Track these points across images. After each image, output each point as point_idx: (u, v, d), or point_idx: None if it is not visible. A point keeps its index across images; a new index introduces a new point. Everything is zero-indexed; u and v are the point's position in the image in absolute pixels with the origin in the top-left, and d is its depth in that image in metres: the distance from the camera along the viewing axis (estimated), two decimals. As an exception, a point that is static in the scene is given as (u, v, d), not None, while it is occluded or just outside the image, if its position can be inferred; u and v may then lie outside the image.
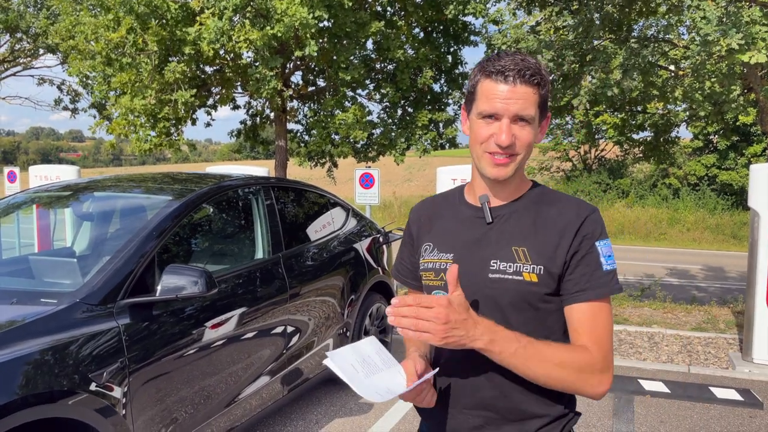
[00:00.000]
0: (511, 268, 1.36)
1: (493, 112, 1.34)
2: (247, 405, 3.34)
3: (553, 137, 25.16)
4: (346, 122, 9.50)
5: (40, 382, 2.21)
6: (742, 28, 4.61)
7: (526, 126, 1.35)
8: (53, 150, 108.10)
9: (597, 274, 1.35)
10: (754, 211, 5.01)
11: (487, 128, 1.36)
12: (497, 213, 1.42)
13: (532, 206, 1.42)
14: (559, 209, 1.40)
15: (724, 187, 21.97)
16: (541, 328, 1.38)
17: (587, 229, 1.36)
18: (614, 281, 1.37)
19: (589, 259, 1.35)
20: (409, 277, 1.63)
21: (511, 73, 1.32)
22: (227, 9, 7.99)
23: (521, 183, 1.46)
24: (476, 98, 1.38)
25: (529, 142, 1.36)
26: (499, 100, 1.33)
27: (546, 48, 6.50)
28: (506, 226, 1.41)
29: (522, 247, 1.37)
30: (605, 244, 1.38)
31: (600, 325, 1.35)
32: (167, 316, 2.82)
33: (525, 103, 1.33)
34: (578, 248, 1.35)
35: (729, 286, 10.89)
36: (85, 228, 4.00)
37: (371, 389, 1.28)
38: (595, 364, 1.31)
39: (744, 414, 4.17)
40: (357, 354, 1.37)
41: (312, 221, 4.46)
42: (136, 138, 9.46)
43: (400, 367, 1.38)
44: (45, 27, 16.25)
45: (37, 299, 2.58)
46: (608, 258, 1.38)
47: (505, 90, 1.32)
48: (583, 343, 1.34)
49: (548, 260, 1.35)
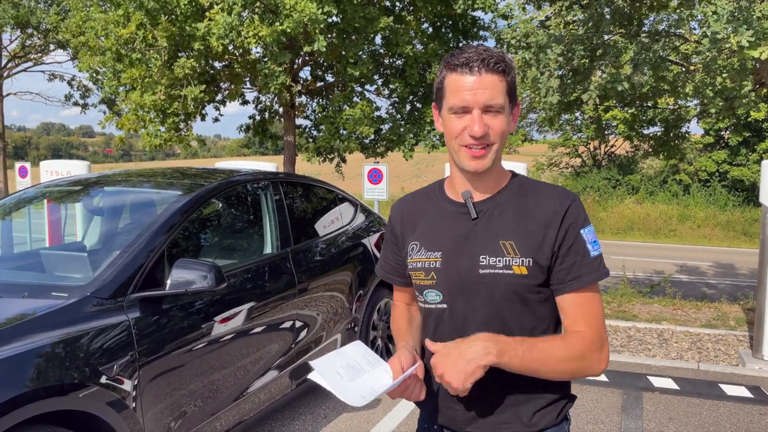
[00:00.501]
0: (500, 262, 1.37)
1: (462, 105, 1.35)
2: (256, 399, 3.36)
3: (563, 133, 25.05)
4: (353, 118, 9.50)
5: (51, 374, 2.23)
6: (753, 24, 4.57)
7: (497, 115, 1.36)
8: (64, 145, 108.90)
9: (585, 261, 1.38)
10: (765, 207, 4.97)
11: (459, 122, 1.37)
12: (481, 208, 1.43)
13: (514, 198, 1.43)
14: (542, 199, 1.41)
15: (735, 183, 21.79)
16: (533, 318, 1.41)
17: (571, 217, 1.38)
18: (602, 266, 1.40)
19: (576, 248, 1.38)
20: (394, 275, 1.65)
21: (475, 64, 1.33)
22: (236, 4, 8.00)
23: (500, 175, 1.47)
24: (445, 94, 1.39)
25: (502, 131, 1.37)
26: (466, 92, 1.34)
27: (556, 42, 6.46)
28: (491, 220, 1.42)
29: (510, 241, 1.38)
30: (589, 230, 1.41)
31: (593, 309, 1.39)
32: (177, 310, 2.84)
33: (493, 92, 1.34)
34: (564, 238, 1.37)
35: (739, 283, 10.82)
36: (95, 222, 4.03)
37: (354, 393, 1.29)
38: (592, 346, 1.37)
39: (754, 411, 4.15)
40: (342, 359, 1.38)
41: (320, 216, 4.47)
42: (146, 133, 9.51)
43: (387, 365, 1.40)
44: (55, 23, 16.34)
45: (48, 293, 2.60)
46: (594, 244, 1.41)
47: (472, 81, 1.33)
48: (580, 327, 1.38)
49: (536, 252, 1.37)
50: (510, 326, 1.39)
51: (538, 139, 30.39)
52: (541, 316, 1.42)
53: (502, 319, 1.40)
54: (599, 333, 1.38)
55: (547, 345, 1.34)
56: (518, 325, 1.40)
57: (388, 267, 1.66)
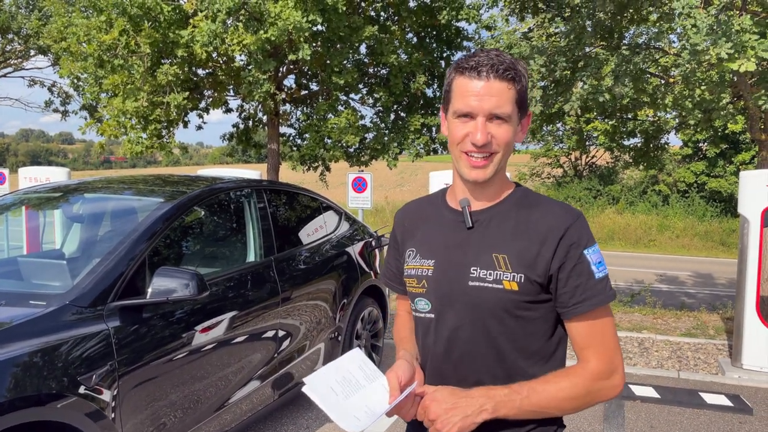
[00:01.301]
0: (491, 276, 1.32)
1: (467, 110, 1.30)
2: (237, 409, 3.32)
3: (545, 143, 25.29)
4: (338, 126, 9.50)
5: (28, 384, 2.18)
6: (732, 37, 4.66)
7: (502, 124, 1.30)
8: (43, 152, 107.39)
9: (590, 284, 1.31)
10: (743, 217, 5.05)
11: (462, 127, 1.32)
12: (478, 217, 1.39)
13: (513, 210, 1.38)
14: (541, 214, 1.35)
15: (713, 194, 22.14)
16: (522, 336, 1.35)
17: (572, 237, 1.31)
18: (608, 288, 1.34)
19: (580, 269, 1.31)
20: (395, 282, 1.61)
21: (484, 69, 1.28)
22: (221, 12, 7.97)
23: (503, 185, 1.42)
24: (451, 97, 1.34)
25: (507, 141, 1.32)
26: (472, 98, 1.29)
27: (539, 54, 6.53)
28: (487, 231, 1.37)
29: (503, 254, 1.33)
30: (594, 250, 1.33)
31: (601, 333, 1.33)
32: (158, 319, 2.80)
33: (500, 100, 1.28)
34: (565, 259, 1.30)
35: (718, 292, 10.96)
36: (74, 230, 3.97)
37: (349, 414, 1.24)
38: (600, 375, 1.31)
39: (734, 420, 4.19)
40: (338, 372, 1.32)
41: (304, 224, 4.45)
42: (128, 140, 9.40)
43: (385, 380, 1.34)
44: (37, 28, 16.15)
45: (26, 301, 2.55)
46: (599, 265, 1.34)
47: (479, 86, 1.28)
48: (587, 356, 1.32)
49: (528, 268, 1.31)
50: (499, 343, 1.34)
51: (520, 150, 30.64)
52: (536, 334, 1.36)
53: (491, 336, 1.34)
54: (609, 361, 1.32)
55: (548, 388, 1.29)
56: (508, 342, 1.34)
57: (389, 273, 1.63)
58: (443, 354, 1.40)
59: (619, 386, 1.33)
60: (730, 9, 5.24)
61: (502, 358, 1.35)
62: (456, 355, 1.38)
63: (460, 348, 1.37)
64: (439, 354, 1.40)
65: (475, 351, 1.36)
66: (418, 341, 1.48)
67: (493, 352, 1.35)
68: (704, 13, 4.92)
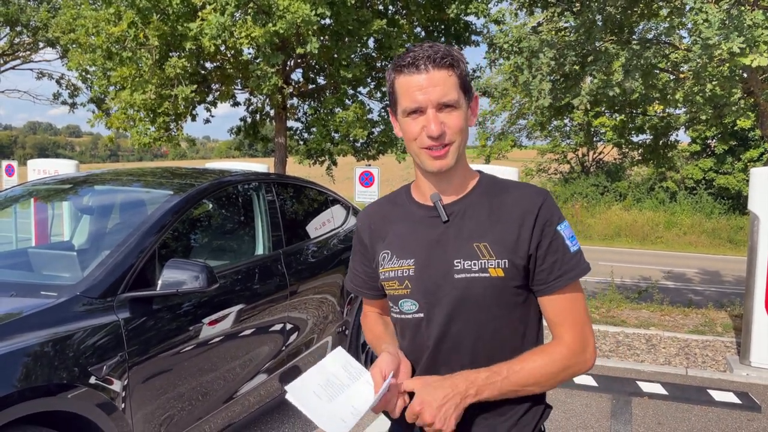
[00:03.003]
0: (475, 265, 1.33)
1: (415, 106, 1.31)
2: (246, 402, 3.33)
3: (552, 139, 25.21)
4: (346, 120, 9.49)
5: (39, 375, 2.19)
6: (744, 32, 4.62)
7: (452, 111, 1.31)
8: (51, 145, 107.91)
9: (566, 258, 1.34)
10: (753, 214, 5.02)
11: (415, 124, 1.33)
12: (451, 210, 1.39)
13: (484, 198, 1.39)
14: (513, 198, 1.37)
15: (720, 191, 22.03)
16: (514, 321, 1.37)
17: (546, 215, 1.34)
18: (583, 260, 1.37)
19: (555, 246, 1.34)
20: (364, 288, 1.58)
21: (421, 61, 1.29)
22: (229, 5, 7.96)
23: (467, 174, 1.43)
24: (397, 97, 1.35)
25: (460, 128, 1.33)
26: (417, 92, 1.30)
27: (548, 47, 6.50)
28: (463, 222, 1.37)
29: (483, 243, 1.33)
30: (565, 226, 1.37)
31: (576, 308, 1.36)
32: (167, 311, 2.81)
33: (444, 88, 1.30)
34: (541, 237, 1.33)
35: (725, 290, 10.92)
36: (83, 222, 3.98)
37: (335, 417, 1.23)
38: (574, 353, 1.34)
39: (742, 417, 4.17)
40: (320, 376, 1.31)
41: (312, 218, 4.45)
42: (135, 132, 9.43)
43: (368, 375, 1.34)
44: (45, 20, 16.19)
45: (36, 292, 2.56)
46: (572, 239, 1.37)
47: (421, 80, 1.29)
48: (561, 332, 1.35)
49: (511, 252, 1.32)
50: (488, 331, 1.35)
51: (527, 145, 30.58)
52: (523, 319, 1.38)
53: (482, 325, 1.35)
54: (582, 334, 1.35)
55: (526, 366, 1.31)
56: (499, 329, 1.36)
57: (357, 280, 1.59)
58: (434, 350, 1.39)
59: (591, 360, 1.36)
60: (742, 4, 5.20)
61: (493, 345, 1.37)
62: (447, 349, 1.38)
63: (452, 341, 1.37)
64: (430, 351, 1.40)
65: (467, 343, 1.37)
66: (405, 343, 1.46)
67: (483, 341, 1.36)
68: (716, 8, 4.87)
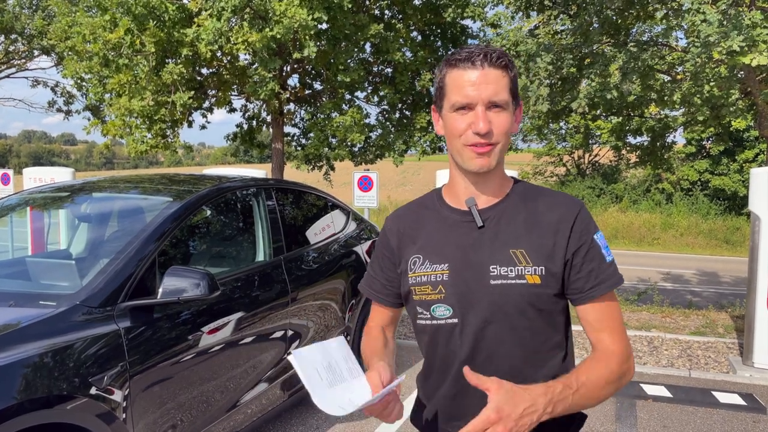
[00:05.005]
0: (512, 272, 1.31)
1: (466, 101, 1.29)
2: (248, 410, 3.29)
3: (548, 142, 25.24)
4: (343, 125, 9.46)
5: (39, 386, 2.15)
6: (743, 31, 4.61)
7: (501, 112, 1.30)
8: (45, 153, 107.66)
9: (603, 267, 1.34)
10: (754, 215, 5.01)
11: (462, 120, 1.31)
12: (486, 215, 1.37)
13: (520, 204, 1.38)
14: (548, 206, 1.37)
15: (716, 192, 22.08)
16: (548, 329, 1.36)
17: (582, 224, 1.34)
18: (617, 271, 1.37)
19: (593, 254, 1.33)
20: (381, 293, 1.54)
21: (478, 58, 1.29)
22: (225, 10, 7.94)
23: (503, 180, 1.41)
24: (446, 92, 1.34)
25: (506, 129, 1.31)
26: (470, 87, 1.28)
27: (545, 51, 6.49)
28: (499, 228, 1.35)
29: (520, 249, 1.32)
30: (600, 236, 1.37)
31: (615, 316, 1.35)
32: (168, 319, 2.77)
33: (497, 87, 1.29)
34: (578, 246, 1.33)
35: (723, 290, 10.91)
36: (81, 230, 3.94)
37: (332, 402, 1.22)
38: (623, 357, 1.32)
39: (747, 419, 4.15)
40: (324, 356, 1.31)
41: (312, 224, 4.42)
42: (132, 140, 9.38)
43: (364, 378, 1.32)
44: (41, 28, 16.14)
45: (35, 301, 2.52)
46: (606, 249, 1.38)
47: (475, 76, 1.28)
48: (604, 338, 1.34)
49: (548, 260, 1.31)
50: (524, 338, 1.34)
51: (522, 149, 30.61)
52: (555, 326, 1.38)
53: (517, 332, 1.34)
54: (624, 343, 1.35)
55: (591, 377, 1.25)
56: (533, 336, 1.35)
57: (376, 285, 1.55)
58: (469, 356, 1.37)
59: (633, 368, 1.35)
60: (740, 5, 5.20)
61: (527, 352, 1.36)
62: (483, 355, 1.36)
63: (487, 348, 1.36)
64: (465, 357, 1.37)
65: (502, 349, 1.35)
66: (436, 350, 1.42)
67: (518, 348, 1.35)
68: (714, 9, 4.87)
